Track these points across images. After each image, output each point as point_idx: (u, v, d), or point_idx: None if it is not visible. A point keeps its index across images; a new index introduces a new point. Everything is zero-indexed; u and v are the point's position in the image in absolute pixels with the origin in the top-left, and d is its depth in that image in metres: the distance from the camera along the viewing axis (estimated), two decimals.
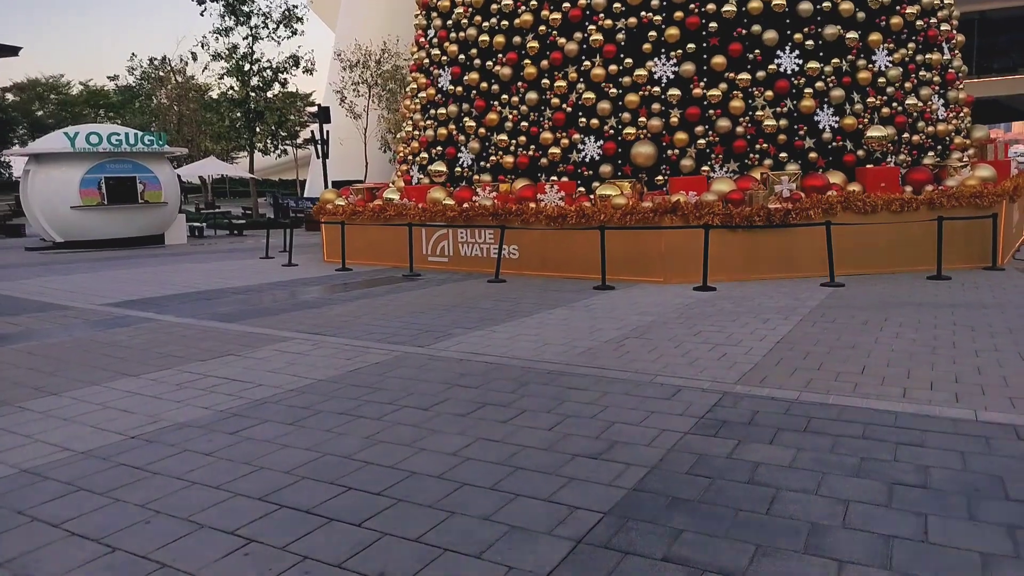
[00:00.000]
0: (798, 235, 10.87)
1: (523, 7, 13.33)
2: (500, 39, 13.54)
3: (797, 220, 10.72)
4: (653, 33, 12.29)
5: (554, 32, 13.00)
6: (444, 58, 14.75)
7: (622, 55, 12.50)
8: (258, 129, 28.06)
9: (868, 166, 12.12)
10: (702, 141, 12.13)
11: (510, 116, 13.49)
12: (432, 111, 15.07)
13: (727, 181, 11.20)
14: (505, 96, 13.55)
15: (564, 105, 12.87)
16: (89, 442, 4.27)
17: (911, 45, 12.95)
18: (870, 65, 12.44)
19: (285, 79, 28.14)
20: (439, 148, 14.81)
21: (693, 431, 4.15)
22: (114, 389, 5.43)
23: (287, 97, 30.82)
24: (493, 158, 13.71)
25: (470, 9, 14.17)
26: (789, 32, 12.16)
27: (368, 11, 42.46)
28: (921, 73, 13.10)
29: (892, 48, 12.73)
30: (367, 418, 4.59)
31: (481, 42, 13.85)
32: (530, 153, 13.22)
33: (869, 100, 12.43)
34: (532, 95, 13.11)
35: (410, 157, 15.93)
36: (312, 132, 28.57)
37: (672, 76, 12.26)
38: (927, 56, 13.18)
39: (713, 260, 10.44)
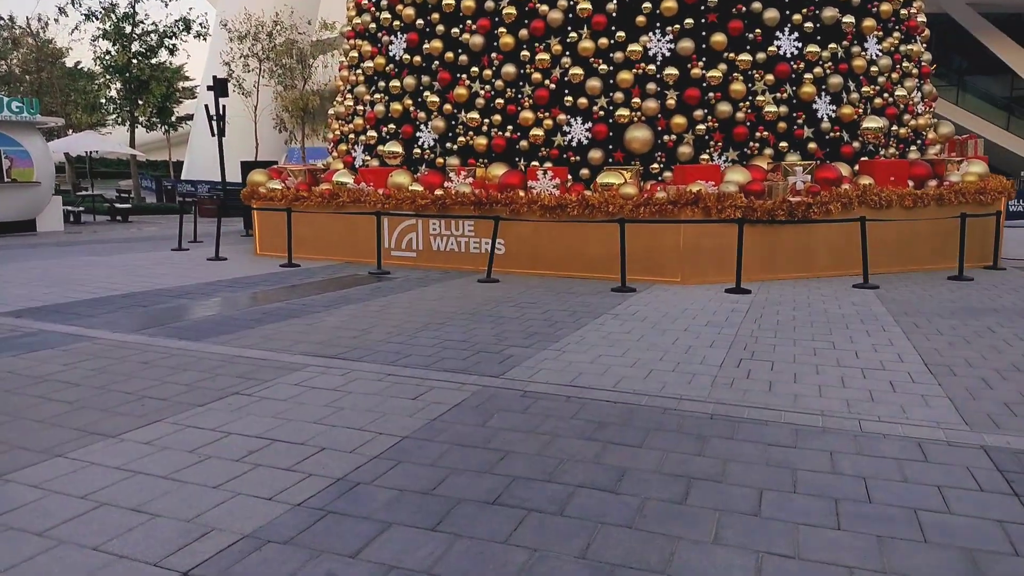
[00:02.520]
0: (815, 231, 10.06)
1: None
2: (469, 3, 11.88)
3: (818, 215, 9.89)
4: (648, 5, 11.08)
5: None
6: (397, 23, 12.90)
7: (613, 28, 11.22)
8: (140, 101, 24.56)
9: (874, 159, 11.56)
10: (701, 126, 11.08)
11: (482, 92, 11.89)
12: (382, 83, 13.19)
13: (742, 171, 10.21)
14: (476, 69, 11.92)
15: (547, 81, 11.44)
16: None
17: (896, 35, 12.52)
18: (863, 53, 11.86)
19: (174, 45, 24.79)
20: (392, 126, 12.96)
21: None
22: (95, 464, 3.54)
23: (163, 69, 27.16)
24: (462, 139, 12.06)
25: None
26: (788, 12, 11.32)
27: None
28: (904, 64, 12.71)
29: (880, 36, 12.23)
30: (543, 512, 3.04)
31: (446, 6, 12.13)
32: (507, 134, 11.70)
33: (864, 89, 11.86)
34: (509, 68, 11.58)
35: (352, 136, 13.95)
36: (206, 107, 25.41)
37: (668, 54, 11.12)
38: (909, 47, 12.80)
39: (729, 257, 9.41)
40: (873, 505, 3.09)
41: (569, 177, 11.07)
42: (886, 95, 12.17)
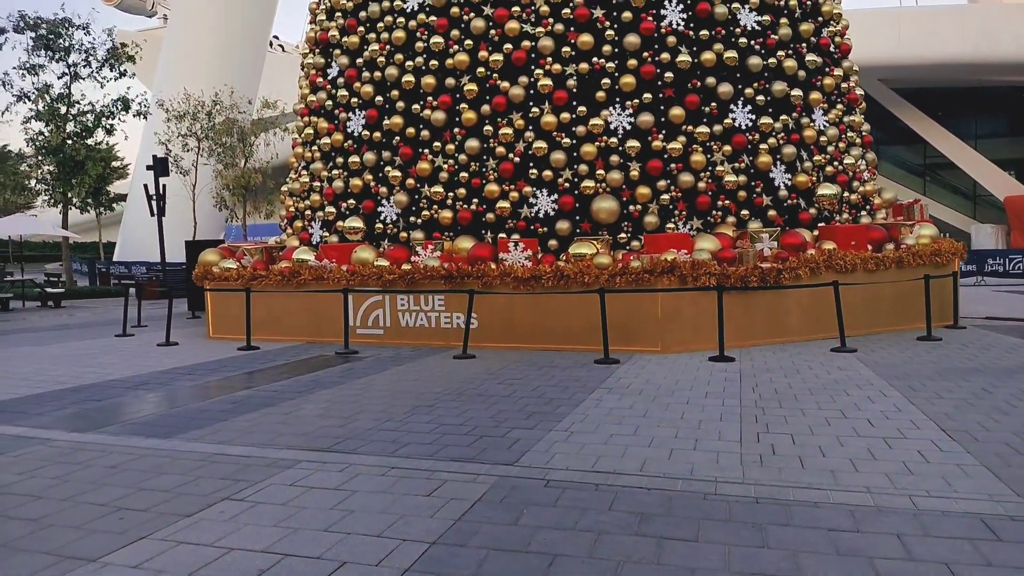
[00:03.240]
0: (786, 296, 10.13)
1: (456, 46, 11.85)
2: (430, 80, 11.90)
3: (789, 280, 9.97)
4: (607, 81, 11.31)
5: (495, 75, 11.61)
6: (355, 100, 12.80)
7: (574, 103, 11.37)
8: (74, 182, 23.64)
9: (831, 224, 11.86)
10: (665, 196, 11.19)
11: (445, 166, 11.79)
12: (340, 159, 12.97)
13: (711, 239, 10.28)
14: (438, 144, 11.85)
15: (511, 155, 11.43)
16: None
17: (840, 107, 13.09)
18: (812, 124, 12.31)
19: (111, 125, 24.14)
20: (352, 201, 12.69)
21: None
22: None
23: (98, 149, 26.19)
24: (426, 213, 11.86)
25: (389, 47, 12.43)
26: (741, 86, 11.71)
27: (194, 61, 38.77)
28: (849, 134, 13.26)
29: (826, 108, 12.75)
30: None
31: (405, 83, 12.12)
32: (472, 207, 11.56)
33: (816, 158, 12.27)
34: (473, 143, 11.54)
35: (308, 212, 13.60)
36: (145, 186, 24.69)
37: (629, 127, 11.29)
38: (852, 118, 13.40)
39: (708, 325, 9.36)
40: None
41: (538, 248, 10.95)
42: (836, 163, 12.61)
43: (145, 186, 24.93)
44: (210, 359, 9.69)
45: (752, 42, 11.81)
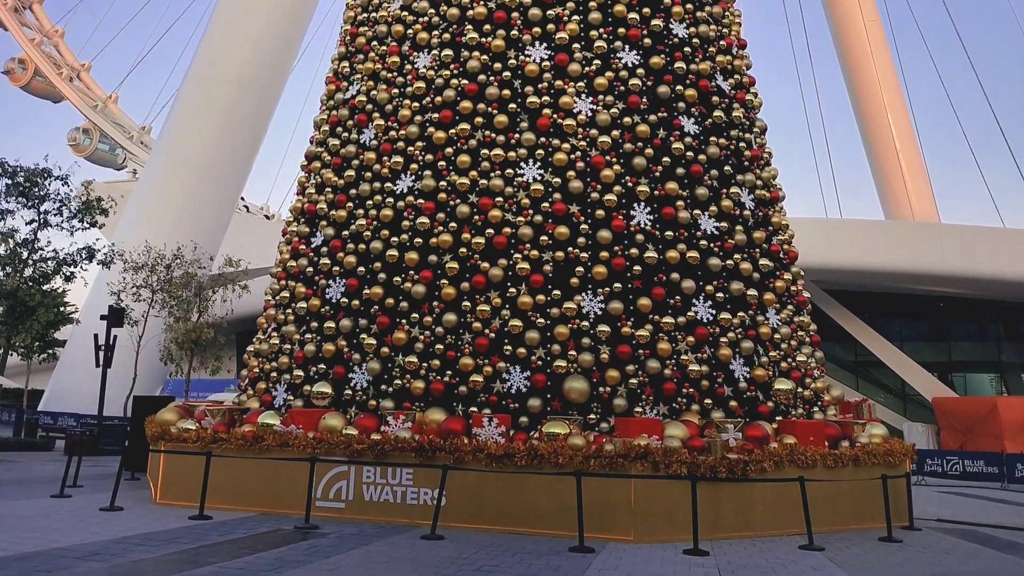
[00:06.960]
0: (752, 489, 10.28)
1: (441, 227, 12.54)
2: (413, 256, 12.45)
3: (755, 472, 10.18)
4: (580, 269, 12.02)
5: (476, 255, 12.24)
6: (336, 269, 13.21)
7: (550, 286, 11.97)
8: (20, 328, 22.96)
9: (787, 418, 12.30)
10: (634, 380, 11.56)
11: (422, 337, 12.03)
12: (315, 323, 13.11)
13: (680, 426, 10.54)
14: (416, 315, 12.17)
15: (487, 330, 11.79)
16: None
17: (790, 307, 14.05)
18: (767, 321, 13.12)
19: (72, 272, 23.95)
20: (322, 366, 12.67)
21: None
22: None
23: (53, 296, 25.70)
24: (398, 382, 11.90)
25: (375, 223, 13.07)
26: (702, 283, 12.54)
27: (161, 215, 39.37)
28: (799, 333, 14.13)
29: (778, 308, 13.67)
30: None
31: (389, 257, 12.63)
32: (446, 379, 11.68)
33: (771, 354, 12.95)
34: (450, 316, 11.90)
35: (273, 374, 13.48)
36: (95, 336, 24.11)
37: (600, 312, 11.86)
38: (800, 318, 14.35)
39: (679, 514, 9.37)
40: None
41: (510, 424, 11.00)
42: (789, 360, 13.32)
43: (95, 336, 24.36)
44: (161, 529, 9.11)
45: (712, 245, 12.81)
